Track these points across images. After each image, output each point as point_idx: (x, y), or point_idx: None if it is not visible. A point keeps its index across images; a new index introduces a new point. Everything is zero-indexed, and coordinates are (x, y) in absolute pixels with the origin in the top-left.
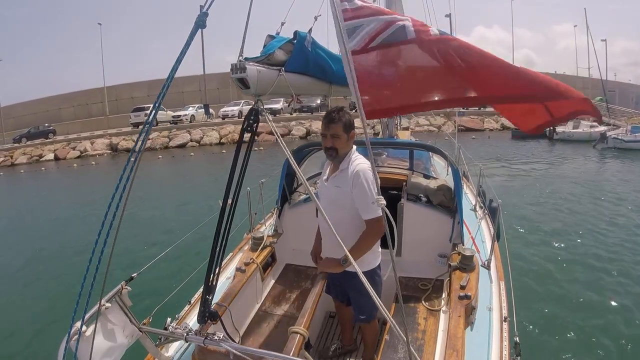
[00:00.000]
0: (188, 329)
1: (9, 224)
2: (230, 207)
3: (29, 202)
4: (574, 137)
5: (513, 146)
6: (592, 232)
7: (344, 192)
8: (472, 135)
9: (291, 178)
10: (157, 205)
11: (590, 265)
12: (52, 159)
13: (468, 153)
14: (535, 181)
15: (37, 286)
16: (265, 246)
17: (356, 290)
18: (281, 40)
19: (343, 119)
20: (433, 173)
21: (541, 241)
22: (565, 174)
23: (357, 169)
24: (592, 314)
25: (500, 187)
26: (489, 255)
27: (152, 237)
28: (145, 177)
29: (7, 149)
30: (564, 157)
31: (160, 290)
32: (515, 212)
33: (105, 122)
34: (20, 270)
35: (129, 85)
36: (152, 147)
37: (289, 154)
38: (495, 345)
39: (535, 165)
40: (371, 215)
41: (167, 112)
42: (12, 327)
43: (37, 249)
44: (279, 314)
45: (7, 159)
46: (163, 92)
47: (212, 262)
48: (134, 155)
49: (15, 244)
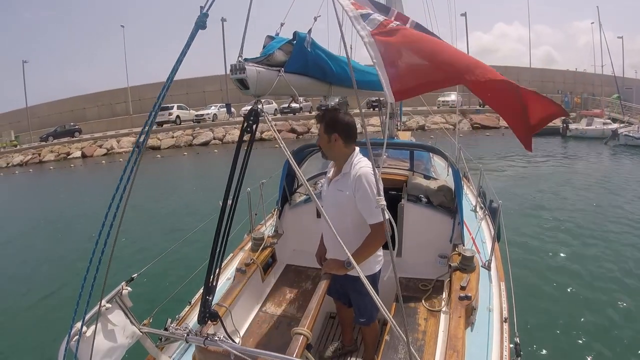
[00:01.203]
0: (188, 330)
1: (38, 218)
2: (231, 207)
3: (59, 197)
4: (587, 134)
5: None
6: (595, 232)
7: (346, 196)
8: (487, 133)
9: (291, 178)
10: (182, 196)
11: (592, 265)
12: (80, 156)
13: (481, 150)
14: (540, 179)
15: (52, 283)
16: (265, 247)
17: (357, 292)
18: (280, 41)
19: (325, 119)
20: (433, 174)
21: (542, 241)
22: (572, 171)
23: (359, 172)
24: (593, 314)
25: (505, 185)
26: (489, 256)
27: (169, 228)
28: (170, 172)
29: (34, 147)
30: (573, 154)
31: (160, 290)
32: (516, 212)
33: (128, 121)
34: (46, 263)
35: (152, 85)
36: (177, 144)
37: (289, 154)
38: (496, 346)
39: (543, 162)
40: (376, 219)
41: (190, 111)
42: (12, 327)
43: (64, 244)
44: (280, 314)
45: (35, 157)
46: (163, 93)
47: (213, 262)
48: (134, 155)
49: (39, 241)
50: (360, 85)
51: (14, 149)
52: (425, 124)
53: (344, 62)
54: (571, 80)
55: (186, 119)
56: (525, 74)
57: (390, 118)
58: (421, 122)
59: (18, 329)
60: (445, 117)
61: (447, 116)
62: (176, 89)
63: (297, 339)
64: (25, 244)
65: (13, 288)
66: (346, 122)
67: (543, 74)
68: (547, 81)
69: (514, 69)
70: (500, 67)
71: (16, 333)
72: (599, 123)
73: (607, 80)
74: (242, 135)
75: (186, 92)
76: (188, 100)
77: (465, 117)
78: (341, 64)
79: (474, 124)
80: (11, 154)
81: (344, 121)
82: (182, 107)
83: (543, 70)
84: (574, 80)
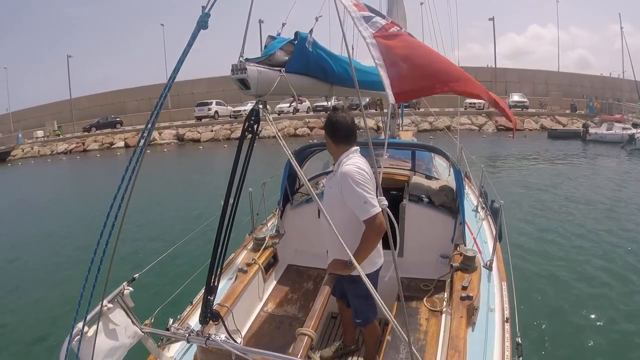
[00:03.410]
0: (190, 330)
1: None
2: (232, 207)
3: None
4: (606, 138)
5: (545, 145)
6: (598, 233)
7: (333, 193)
8: (509, 134)
9: (293, 179)
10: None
11: (595, 266)
12: (123, 146)
13: (502, 148)
14: (546, 179)
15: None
16: (267, 247)
17: (353, 293)
18: (282, 41)
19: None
20: (435, 174)
21: (544, 242)
22: (580, 172)
23: (342, 170)
24: (595, 314)
25: (509, 185)
26: (491, 256)
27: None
28: (209, 161)
29: (77, 137)
30: (588, 157)
31: (162, 290)
32: (519, 211)
33: (167, 115)
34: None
35: (190, 82)
36: (216, 137)
37: (290, 154)
38: (497, 346)
39: (556, 163)
40: (366, 215)
41: (228, 107)
42: (13, 326)
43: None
44: (281, 314)
45: (79, 145)
46: (164, 93)
47: (214, 262)
48: (136, 155)
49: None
50: (361, 85)
51: (57, 138)
52: (451, 125)
53: (345, 62)
54: (600, 85)
55: (224, 114)
56: (554, 78)
57: (391, 118)
58: (447, 122)
59: (19, 328)
60: (471, 119)
61: (473, 117)
62: (214, 86)
63: (302, 339)
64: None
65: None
66: (333, 121)
67: (572, 78)
68: (575, 85)
69: (542, 73)
70: (528, 70)
71: (16, 332)
72: (619, 128)
73: (634, 85)
74: (244, 135)
75: (223, 89)
76: (225, 96)
77: (491, 119)
78: (342, 64)
79: (498, 126)
80: (55, 143)
81: (331, 120)
82: (220, 103)
83: (572, 74)
84: (603, 85)
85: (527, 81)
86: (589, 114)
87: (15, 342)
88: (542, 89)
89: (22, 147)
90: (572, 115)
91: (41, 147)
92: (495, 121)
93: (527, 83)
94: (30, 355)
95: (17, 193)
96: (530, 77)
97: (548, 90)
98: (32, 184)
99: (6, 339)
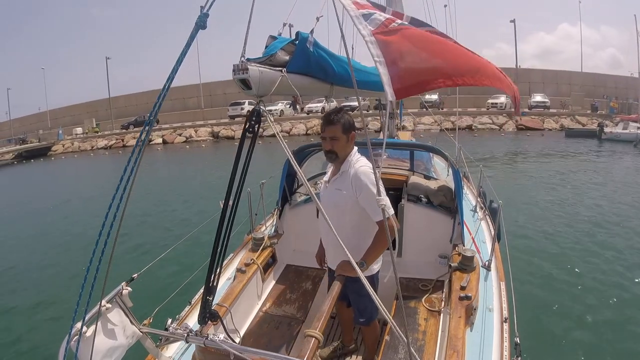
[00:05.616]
0: (189, 330)
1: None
2: (232, 207)
3: (173, 172)
4: (621, 137)
5: (560, 143)
6: (597, 232)
7: (344, 195)
8: (527, 133)
9: (292, 179)
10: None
11: (594, 266)
12: (161, 142)
13: (513, 147)
14: (546, 177)
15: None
16: (265, 247)
17: (356, 293)
18: (283, 41)
19: (342, 120)
20: (434, 174)
21: (543, 241)
22: (584, 169)
23: (358, 171)
24: (594, 314)
25: (508, 184)
26: (489, 256)
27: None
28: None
29: (116, 134)
30: (601, 155)
31: (161, 291)
32: (518, 211)
33: (200, 114)
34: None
35: (222, 82)
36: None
37: (290, 154)
38: (496, 346)
39: (567, 159)
40: (382, 216)
41: None
42: (13, 326)
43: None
44: (280, 314)
45: (119, 142)
46: (163, 93)
47: (213, 262)
48: (135, 155)
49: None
50: (361, 86)
51: (96, 135)
52: (472, 124)
53: (346, 63)
54: (623, 85)
55: None
56: (577, 78)
57: (390, 118)
58: (469, 122)
59: (18, 328)
60: (492, 119)
61: (494, 117)
62: None
63: (309, 340)
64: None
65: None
66: (352, 121)
67: (595, 78)
68: (599, 86)
69: (565, 73)
70: (551, 71)
71: (16, 332)
72: (634, 127)
73: None
74: (244, 136)
75: None
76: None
77: (511, 118)
78: (343, 64)
79: (518, 125)
80: (94, 139)
81: (349, 121)
82: (252, 103)
83: (595, 75)
84: (626, 85)
85: (550, 81)
86: (610, 114)
87: (15, 342)
88: (565, 90)
89: (63, 142)
90: (592, 115)
91: (81, 143)
92: (515, 121)
93: (550, 83)
94: (30, 355)
95: (73, 179)
96: (554, 78)
97: (571, 90)
98: (80, 175)
99: (6, 339)
